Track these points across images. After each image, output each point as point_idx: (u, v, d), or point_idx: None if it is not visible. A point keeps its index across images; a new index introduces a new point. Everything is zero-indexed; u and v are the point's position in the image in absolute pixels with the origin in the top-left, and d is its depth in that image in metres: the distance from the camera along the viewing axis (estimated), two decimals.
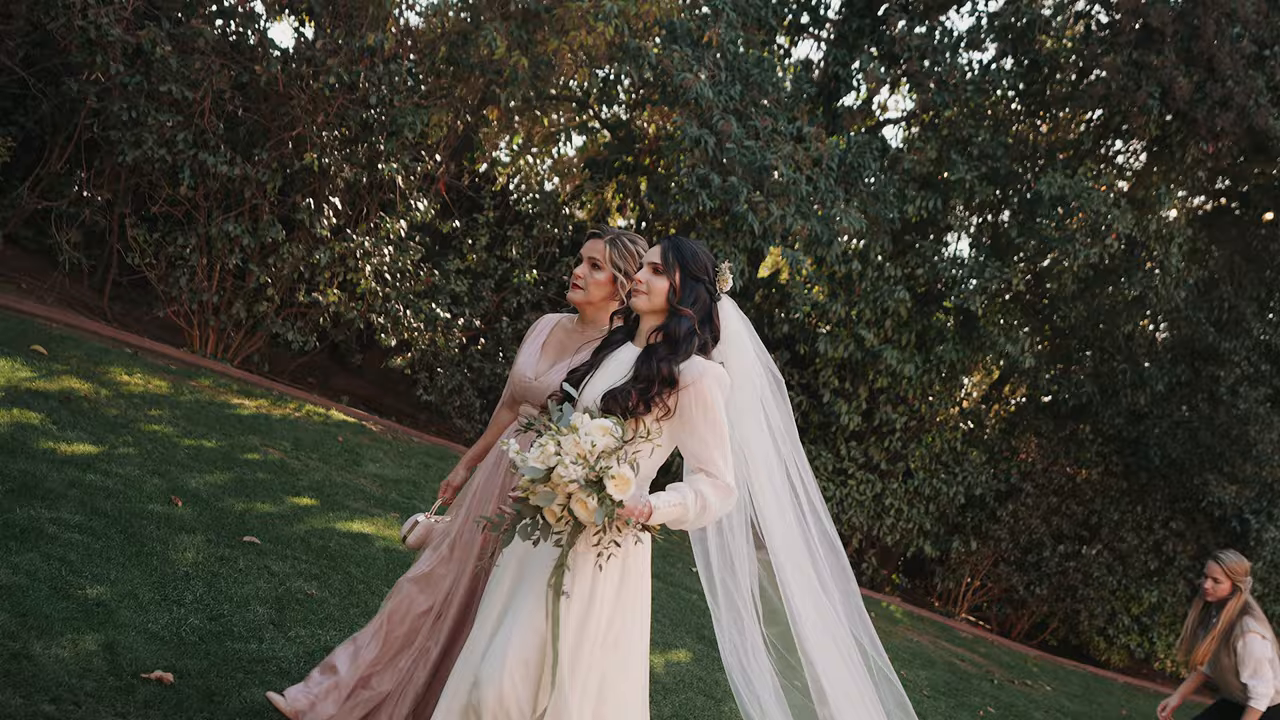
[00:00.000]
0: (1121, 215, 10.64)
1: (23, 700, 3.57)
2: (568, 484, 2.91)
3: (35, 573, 4.54)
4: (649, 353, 3.20)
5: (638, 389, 3.12)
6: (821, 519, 3.62)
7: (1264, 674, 5.99)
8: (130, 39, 8.91)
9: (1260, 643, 6.02)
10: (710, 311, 3.28)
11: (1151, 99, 10.54)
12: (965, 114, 12.11)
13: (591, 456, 2.94)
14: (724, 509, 3.18)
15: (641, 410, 3.12)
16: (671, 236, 3.37)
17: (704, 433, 3.14)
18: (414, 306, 10.83)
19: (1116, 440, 13.64)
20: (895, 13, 12.06)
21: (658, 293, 3.26)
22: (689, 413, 3.15)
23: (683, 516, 3.09)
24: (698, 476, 3.14)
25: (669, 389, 3.14)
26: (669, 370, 3.14)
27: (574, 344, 3.85)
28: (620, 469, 2.94)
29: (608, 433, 3.01)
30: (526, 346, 3.97)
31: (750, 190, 10.29)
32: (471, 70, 10.34)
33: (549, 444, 2.97)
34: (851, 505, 12.93)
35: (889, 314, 12.18)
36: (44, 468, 5.81)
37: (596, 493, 2.91)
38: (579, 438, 2.96)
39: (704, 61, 10.19)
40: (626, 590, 3.19)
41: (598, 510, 2.91)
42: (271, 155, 9.77)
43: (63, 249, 9.46)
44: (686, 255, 3.29)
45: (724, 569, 3.47)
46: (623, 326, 3.45)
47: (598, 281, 3.76)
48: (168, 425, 7.68)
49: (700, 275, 3.27)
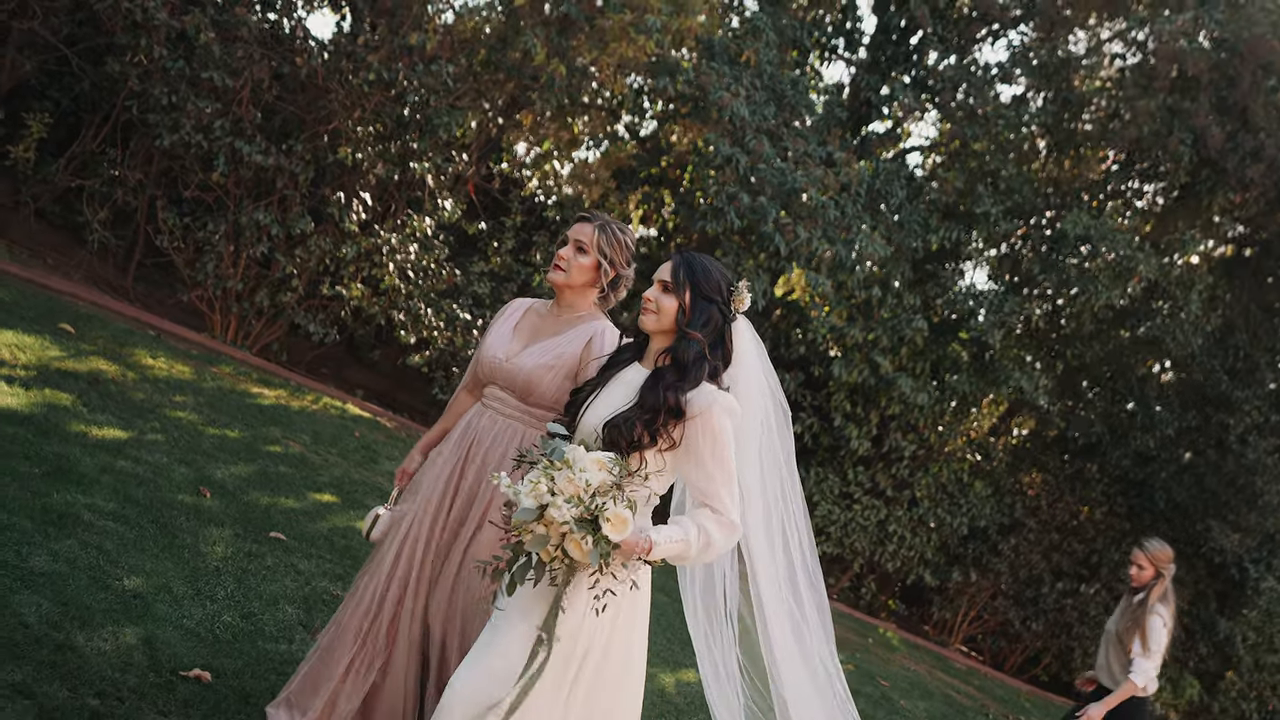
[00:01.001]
0: (1146, 259, 10.69)
1: (69, 693, 3.58)
2: (560, 525, 2.76)
3: (75, 561, 4.54)
4: (655, 378, 3.01)
5: (643, 420, 2.93)
6: (806, 557, 3.47)
7: (1153, 656, 6.16)
8: (175, 24, 8.92)
9: (1161, 628, 6.21)
10: (723, 334, 3.09)
11: (1183, 145, 10.60)
12: (994, 147, 12.16)
13: (586, 495, 2.78)
14: (727, 546, 2.99)
15: (647, 443, 2.93)
16: (684, 252, 3.17)
17: (711, 467, 2.95)
18: (435, 306, 10.84)
19: (1123, 481, 13.68)
20: (930, 42, 12.11)
21: (666, 313, 3.07)
22: (695, 444, 2.95)
23: (684, 553, 2.92)
24: (702, 511, 2.96)
25: (675, 420, 2.95)
26: (676, 400, 2.94)
27: (548, 329, 3.70)
28: (617, 509, 2.77)
29: (604, 468, 2.85)
30: (496, 327, 3.82)
31: (778, 211, 10.32)
32: (509, 74, 10.35)
33: (541, 482, 2.80)
34: (855, 530, 12.96)
35: (905, 341, 12.21)
36: (77, 451, 5.81)
37: (591, 533, 2.76)
38: (573, 474, 2.80)
39: (740, 80, 10.22)
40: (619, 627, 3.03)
41: (592, 551, 2.76)
42: (306, 147, 9.78)
43: (94, 228, 9.46)
44: (699, 273, 3.08)
45: (705, 591, 3.35)
46: (631, 344, 3.29)
47: (581, 266, 3.63)
48: (192, 412, 7.69)
49: (713, 295, 3.07)
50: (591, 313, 3.73)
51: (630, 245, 3.71)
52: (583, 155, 14.39)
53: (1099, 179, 13.09)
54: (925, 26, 11.42)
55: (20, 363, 6.86)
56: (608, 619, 2.96)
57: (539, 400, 3.62)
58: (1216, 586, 14.03)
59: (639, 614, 3.08)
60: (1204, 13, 10.66)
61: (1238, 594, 13.98)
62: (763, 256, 10.97)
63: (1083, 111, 12.61)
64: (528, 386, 3.61)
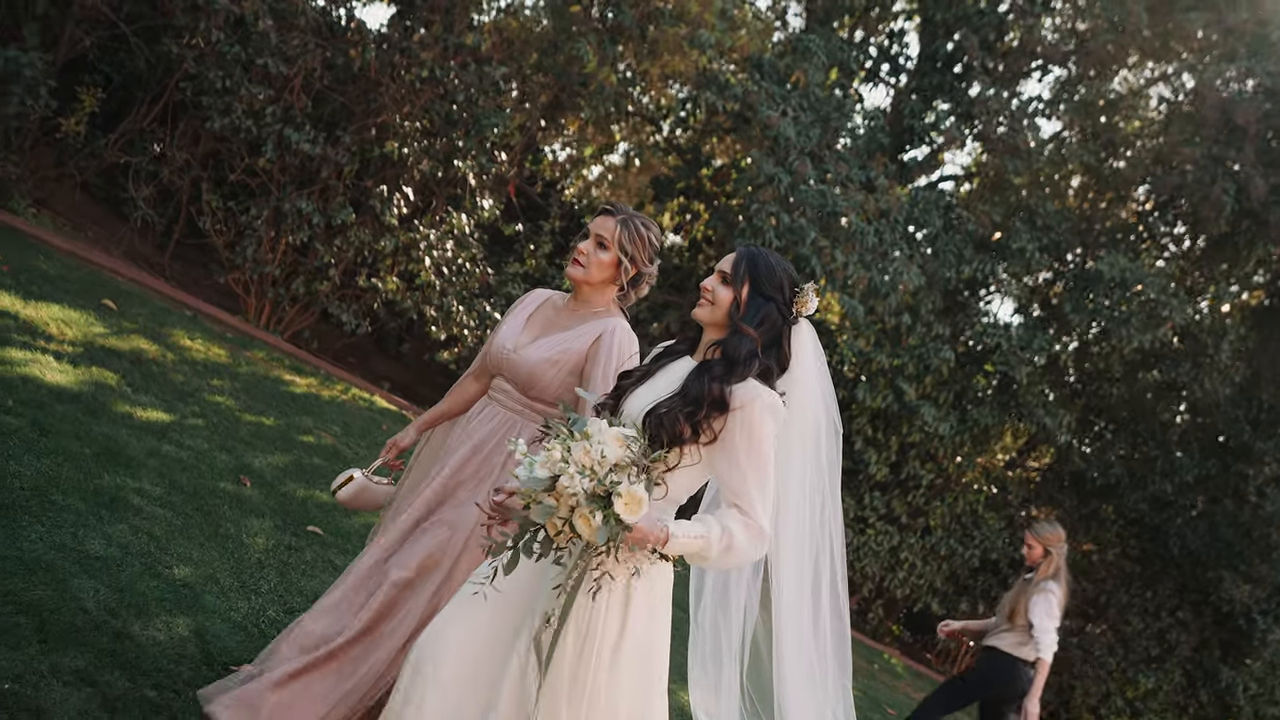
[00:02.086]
0: (1179, 306, 10.69)
1: (128, 683, 3.61)
2: (570, 496, 2.60)
3: (127, 546, 4.57)
4: (702, 369, 2.85)
5: (685, 412, 2.75)
6: (838, 588, 3.22)
7: (1050, 632, 6.37)
8: (234, 9, 8.96)
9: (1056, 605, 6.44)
10: (780, 335, 2.90)
11: (1226, 195, 10.60)
12: (1034, 183, 12.17)
13: (601, 469, 2.61)
14: (752, 554, 2.78)
15: (688, 437, 2.75)
16: (750, 246, 3.02)
17: (745, 464, 2.75)
18: (468, 304, 10.88)
19: (1137, 524, 13.68)
20: (975, 73, 12.12)
21: (721, 304, 2.90)
22: (732, 438, 2.76)
23: (703, 551, 2.72)
24: (730, 512, 2.76)
25: (719, 412, 2.76)
26: (720, 391, 2.76)
27: (560, 323, 3.57)
28: (632, 487, 2.58)
29: (623, 444, 2.67)
30: (510, 318, 3.69)
31: (818, 234, 10.34)
32: (558, 78, 10.39)
33: (556, 449, 2.64)
34: (867, 554, 12.97)
35: (931, 370, 12.22)
36: (124, 433, 5.84)
37: (601, 509, 2.58)
38: (589, 445, 2.64)
39: (789, 100, 10.24)
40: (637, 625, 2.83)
41: (600, 529, 2.58)
42: (353, 139, 9.82)
43: (138, 204, 9.50)
44: (760, 268, 2.91)
45: (717, 607, 3.12)
46: (685, 338, 3.11)
47: (601, 261, 3.48)
48: (229, 398, 7.72)
49: (772, 293, 2.89)
50: (608, 310, 3.58)
51: (654, 241, 3.55)
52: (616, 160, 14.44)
53: (1133, 220, 13.09)
54: (973, 58, 11.43)
55: (67, 338, 6.89)
56: (616, 612, 2.80)
57: (540, 395, 3.52)
58: (1222, 635, 14.02)
59: (657, 615, 2.88)
60: (1255, 63, 10.66)
61: (1243, 644, 13.97)
62: None
63: (1125, 152, 12.61)
64: (530, 380, 3.50)
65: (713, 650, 3.10)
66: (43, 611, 3.74)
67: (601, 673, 2.79)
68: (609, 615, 2.79)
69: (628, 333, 3.51)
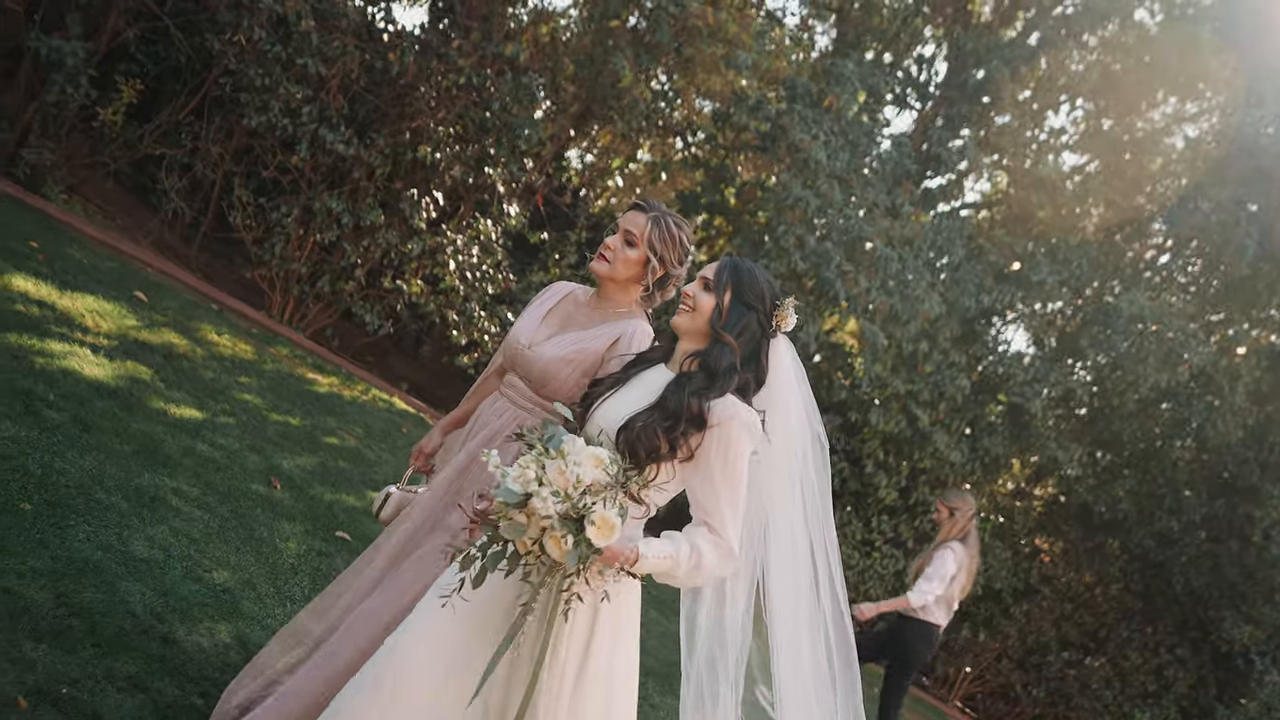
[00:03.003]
0: (1197, 346, 10.74)
1: (177, 691, 3.65)
2: (542, 518, 2.52)
3: (169, 548, 4.61)
4: (681, 382, 2.76)
5: (663, 427, 2.68)
6: (840, 604, 3.11)
7: (933, 583, 6.54)
8: (278, 8, 9.01)
9: (951, 562, 6.60)
10: (759, 348, 2.82)
11: (1249, 240, 10.65)
12: (1055, 216, 12.22)
13: (575, 492, 2.53)
14: (719, 573, 2.74)
15: (666, 453, 2.68)
16: (733, 256, 2.95)
17: (718, 483, 2.69)
18: (490, 309, 10.92)
19: (1142, 560, 13.72)
20: (1004, 104, 12.18)
21: (702, 312, 2.82)
22: (707, 455, 2.69)
23: (672, 571, 2.66)
24: (699, 530, 2.70)
25: (697, 429, 2.69)
26: (699, 407, 2.69)
27: (580, 320, 3.40)
28: (605, 512, 2.51)
29: (600, 465, 2.59)
30: (529, 311, 3.53)
31: (843, 258, 10.39)
32: (592, 90, 10.45)
33: (530, 468, 2.56)
34: (872, 577, 13.00)
35: (945, 397, 12.27)
36: (160, 430, 5.88)
37: (573, 533, 2.52)
38: (565, 465, 2.55)
39: (821, 125, 10.29)
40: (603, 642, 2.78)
41: (571, 553, 2.52)
42: (387, 141, 9.87)
43: (171, 196, 9.55)
44: (743, 277, 2.84)
45: (712, 640, 3.00)
46: (660, 346, 3.04)
47: (628, 259, 3.28)
48: (257, 396, 7.76)
49: (754, 303, 2.82)
50: (631, 310, 3.40)
51: (686, 242, 3.36)
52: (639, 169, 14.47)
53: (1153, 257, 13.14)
54: (1003, 90, 11.48)
55: (102, 330, 6.94)
56: (580, 636, 2.74)
57: (553, 394, 3.33)
58: (1219, 674, 14.05)
59: (623, 638, 2.83)
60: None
61: (1240, 684, 14.00)
62: (813, 297, 11.03)
63: (1148, 189, 12.67)
64: (543, 378, 3.34)
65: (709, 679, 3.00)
66: (94, 614, 3.78)
67: (564, 697, 2.73)
68: (573, 638, 2.73)
69: (648, 336, 3.35)
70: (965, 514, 6.80)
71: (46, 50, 8.44)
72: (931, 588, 6.56)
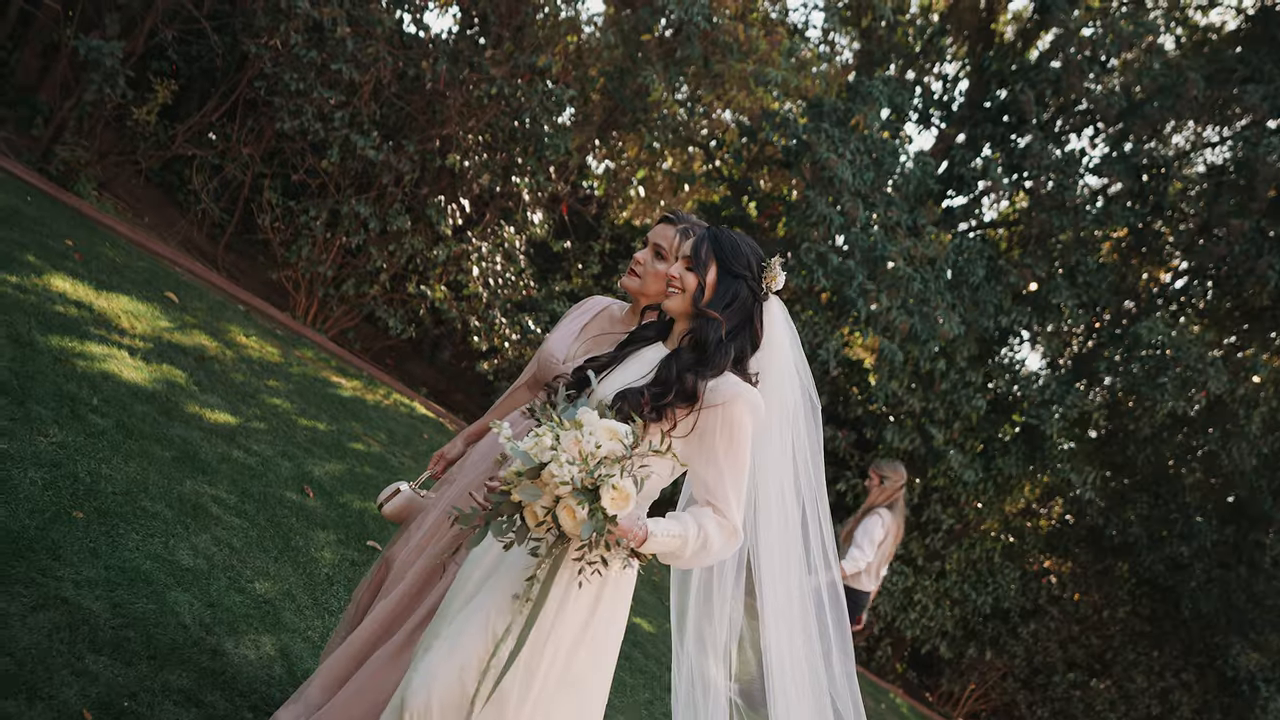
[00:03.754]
0: (1216, 375, 10.78)
1: (228, 704, 3.70)
2: (558, 485, 2.49)
3: (212, 558, 4.67)
4: (674, 356, 2.77)
5: (651, 392, 2.69)
6: (833, 570, 3.06)
7: (863, 549, 6.73)
8: (315, 13, 9.07)
9: (878, 528, 6.81)
10: (750, 315, 2.82)
11: (1272, 271, 10.68)
12: (1077, 241, 12.26)
13: (592, 460, 2.52)
14: (724, 554, 2.73)
15: (651, 417, 2.67)
16: (710, 228, 2.92)
17: (723, 463, 2.69)
18: (511, 317, 10.98)
19: (1151, 584, 13.74)
20: (1028, 126, 12.22)
21: (690, 290, 2.81)
22: (711, 436, 2.70)
23: (678, 551, 2.65)
24: (704, 511, 2.70)
25: (686, 404, 2.69)
26: (693, 384, 2.69)
27: (617, 336, 3.35)
28: (622, 481, 2.50)
29: (616, 437, 2.58)
30: (564, 325, 3.51)
31: (865, 276, 10.44)
32: (621, 104, 10.50)
33: (546, 436, 2.53)
34: (880, 593, 13.03)
35: (960, 417, 12.31)
36: (197, 436, 5.94)
37: (589, 502, 2.49)
38: (581, 435, 2.54)
39: (847, 144, 10.34)
40: (597, 623, 2.74)
41: (586, 523, 2.49)
42: (416, 148, 9.93)
43: (201, 197, 9.62)
44: (725, 249, 2.81)
45: (701, 612, 2.99)
46: (654, 323, 3.02)
47: (658, 273, 3.23)
48: (285, 400, 7.82)
49: (740, 271, 2.79)
50: None
51: None
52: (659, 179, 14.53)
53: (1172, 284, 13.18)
54: (1029, 114, 11.53)
55: (137, 332, 7.00)
56: (580, 616, 2.72)
57: None
58: (1224, 700, 14.07)
59: (615, 621, 2.81)
60: None
61: (1245, 711, 14.02)
62: (831, 313, 11.08)
63: (1172, 216, 12.70)
64: None
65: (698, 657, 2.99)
66: (148, 625, 3.84)
67: (556, 668, 2.71)
68: (573, 615, 2.71)
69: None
70: (895, 483, 6.96)
71: (86, 50, 8.50)
72: (864, 554, 6.73)
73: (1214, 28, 14.58)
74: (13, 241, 7.14)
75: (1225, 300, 12.39)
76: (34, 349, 5.66)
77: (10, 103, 9.99)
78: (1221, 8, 14.80)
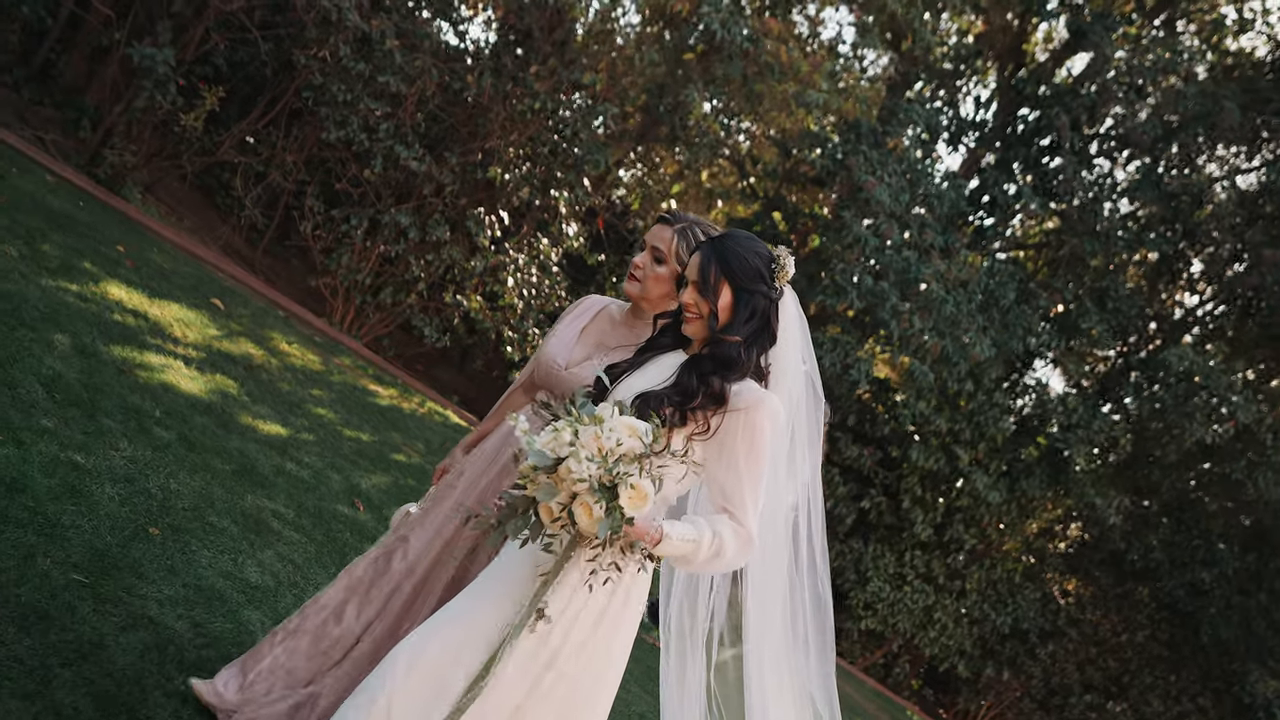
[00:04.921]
0: (1245, 405, 10.81)
1: None
2: (575, 482, 2.45)
3: (277, 574, 4.75)
4: (695, 361, 2.73)
5: (674, 400, 2.64)
6: (818, 569, 3.05)
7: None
8: (364, 26, 9.17)
9: None
10: (768, 317, 2.75)
11: None
12: (1106, 264, 12.31)
13: (611, 457, 2.46)
14: (737, 562, 2.69)
15: (675, 421, 2.63)
16: (712, 240, 2.80)
17: (742, 468, 2.65)
18: (544, 328, 11.06)
19: (1171, 609, 13.78)
20: (1062, 151, 12.27)
21: (707, 317, 2.74)
22: (732, 441, 2.66)
23: (691, 556, 2.61)
24: (720, 517, 2.65)
25: (715, 406, 2.65)
26: (720, 387, 2.65)
27: (618, 338, 3.32)
28: (641, 480, 2.45)
29: (636, 435, 2.51)
30: (563, 327, 3.42)
31: (898, 298, 10.50)
32: (662, 120, 10.59)
33: (565, 431, 2.48)
34: (901, 611, 13.10)
35: (986, 437, 12.36)
36: (252, 448, 6.04)
37: (606, 500, 2.44)
38: (602, 431, 2.47)
39: (885, 166, 10.41)
40: (604, 628, 2.70)
41: (603, 521, 2.44)
42: (459, 160, 10.02)
43: (245, 203, 9.72)
44: (735, 267, 2.72)
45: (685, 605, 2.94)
46: (669, 327, 2.93)
47: (657, 276, 3.14)
48: (329, 410, 7.92)
49: (754, 287, 2.72)
50: None
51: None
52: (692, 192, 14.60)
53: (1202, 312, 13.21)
54: (1064, 139, 11.58)
55: (189, 341, 7.10)
56: (590, 618, 2.68)
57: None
58: None
59: (625, 624, 2.76)
60: None
61: None
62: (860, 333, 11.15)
63: (1203, 242, 12.73)
64: None
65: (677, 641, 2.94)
66: (226, 644, 3.93)
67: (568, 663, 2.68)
68: (585, 612, 2.68)
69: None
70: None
71: (139, 57, 8.61)
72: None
73: (1245, 53, 14.61)
74: (70, 248, 7.25)
75: (1254, 327, 12.42)
76: (98, 359, 5.76)
77: (58, 104, 10.11)
78: (1253, 33, 14.82)
